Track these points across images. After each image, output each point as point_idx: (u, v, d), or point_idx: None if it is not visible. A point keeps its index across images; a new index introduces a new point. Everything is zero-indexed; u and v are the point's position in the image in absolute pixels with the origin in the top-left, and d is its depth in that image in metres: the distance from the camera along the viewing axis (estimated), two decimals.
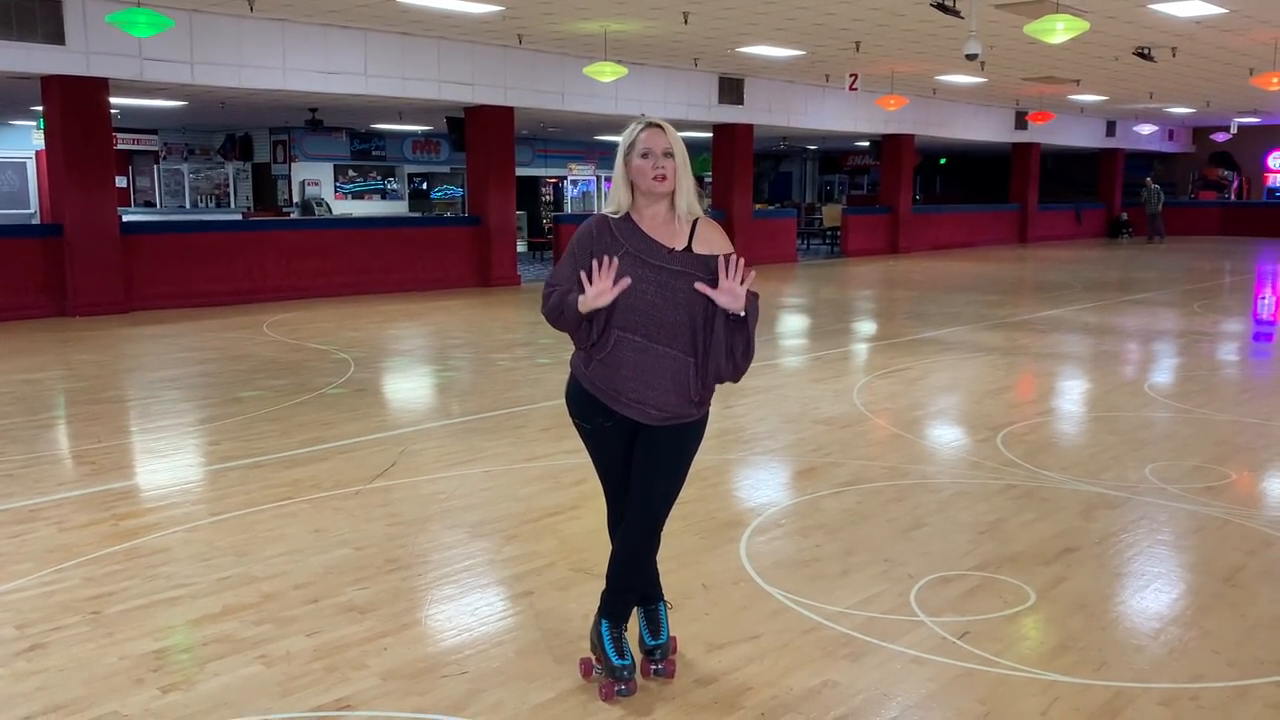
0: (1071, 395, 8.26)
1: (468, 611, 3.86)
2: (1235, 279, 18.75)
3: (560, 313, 3.07)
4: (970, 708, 3.13)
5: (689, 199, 3.08)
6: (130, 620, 3.75)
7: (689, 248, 3.07)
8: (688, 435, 3.15)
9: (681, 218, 3.10)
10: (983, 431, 6.70)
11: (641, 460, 3.13)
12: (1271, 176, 31.75)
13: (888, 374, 8.80)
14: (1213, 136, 29.81)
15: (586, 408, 3.16)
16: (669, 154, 3.04)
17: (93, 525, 4.80)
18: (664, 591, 3.43)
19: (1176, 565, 4.41)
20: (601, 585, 3.29)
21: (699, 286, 2.98)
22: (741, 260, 2.98)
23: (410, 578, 4.18)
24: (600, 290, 2.95)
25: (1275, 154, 31.68)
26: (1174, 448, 6.36)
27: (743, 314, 3.00)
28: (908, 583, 4.11)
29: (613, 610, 3.22)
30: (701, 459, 5.98)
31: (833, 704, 3.15)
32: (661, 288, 3.02)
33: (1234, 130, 27.65)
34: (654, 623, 3.35)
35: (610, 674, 3.17)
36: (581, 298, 2.99)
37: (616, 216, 3.12)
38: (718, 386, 3.18)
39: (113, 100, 13.07)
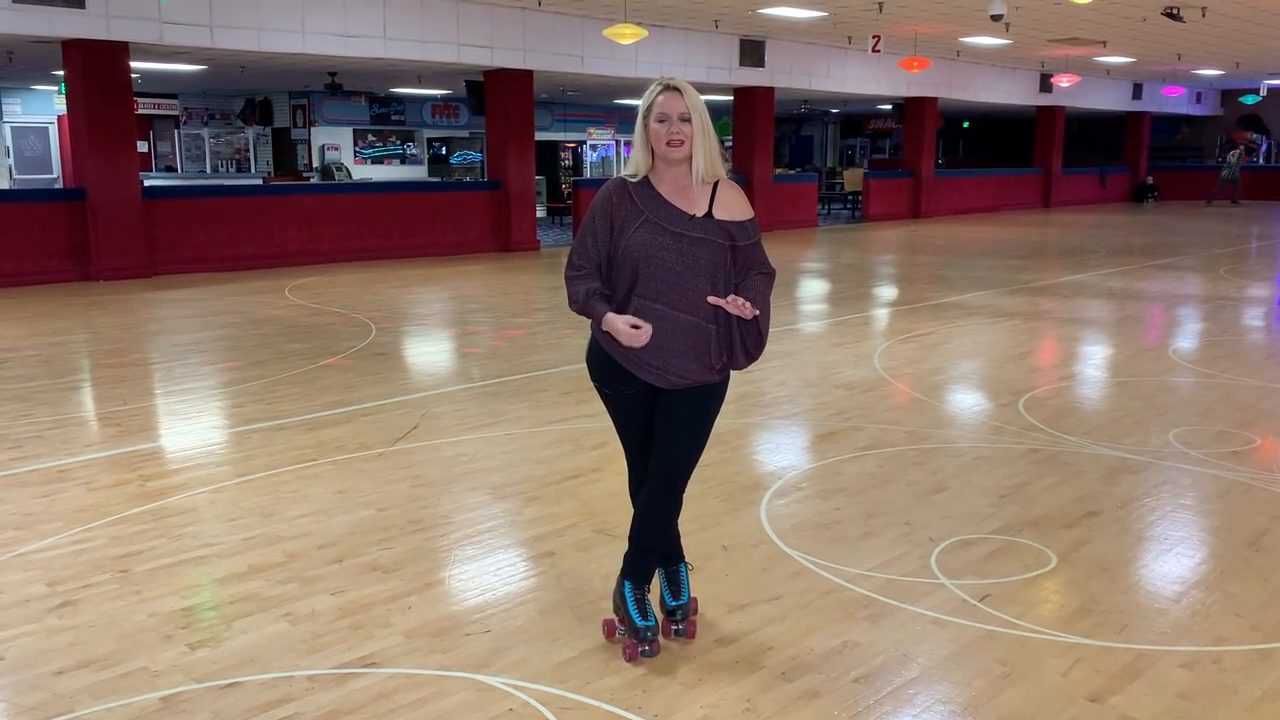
0: (1095, 360, 8.20)
1: (490, 571, 3.89)
2: (1263, 244, 18.52)
3: (584, 312, 3.07)
4: (991, 668, 3.14)
5: (708, 162, 3.01)
6: (158, 578, 3.80)
7: (710, 213, 3.03)
8: (708, 398, 3.14)
9: (701, 181, 3.03)
10: (1005, 396, 6.67)
11: (663, 423, 3.12)
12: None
13: (909, 339, 8.76)
14: (1240, 99, 29.35)
15: (608, 373, 3.14)
16: (685, 119, 2.97)
17: (120, 486, 4.86)
18: (685, 553, 3.44)
19: (1199, 529, 4.39)
20: (623, 547, 3.31)
21: (711, 300, 2.98)
22: (744, 303, 2.94)
23: (433, 538, 4.22)
24: (633, 338, 2.95)
25: None
26: (1198, 412, 6.32)
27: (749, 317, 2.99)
28: (928, 545, 4.11)
29: (635, 572, 3.24)
30: (722, 423, 5.98)
31: (853, 664, 3.17)
32: (682, 255, 2.98)
33: (1264, 93, 27.20)
34: (675, 583, 3.37)
35: (634, 635, 3.18)
36: (608, 317, 2.98)
37: (635, 180, 3.07)
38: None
39: (133, 64, 13.07)
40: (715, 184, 3.06)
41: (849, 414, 6.20)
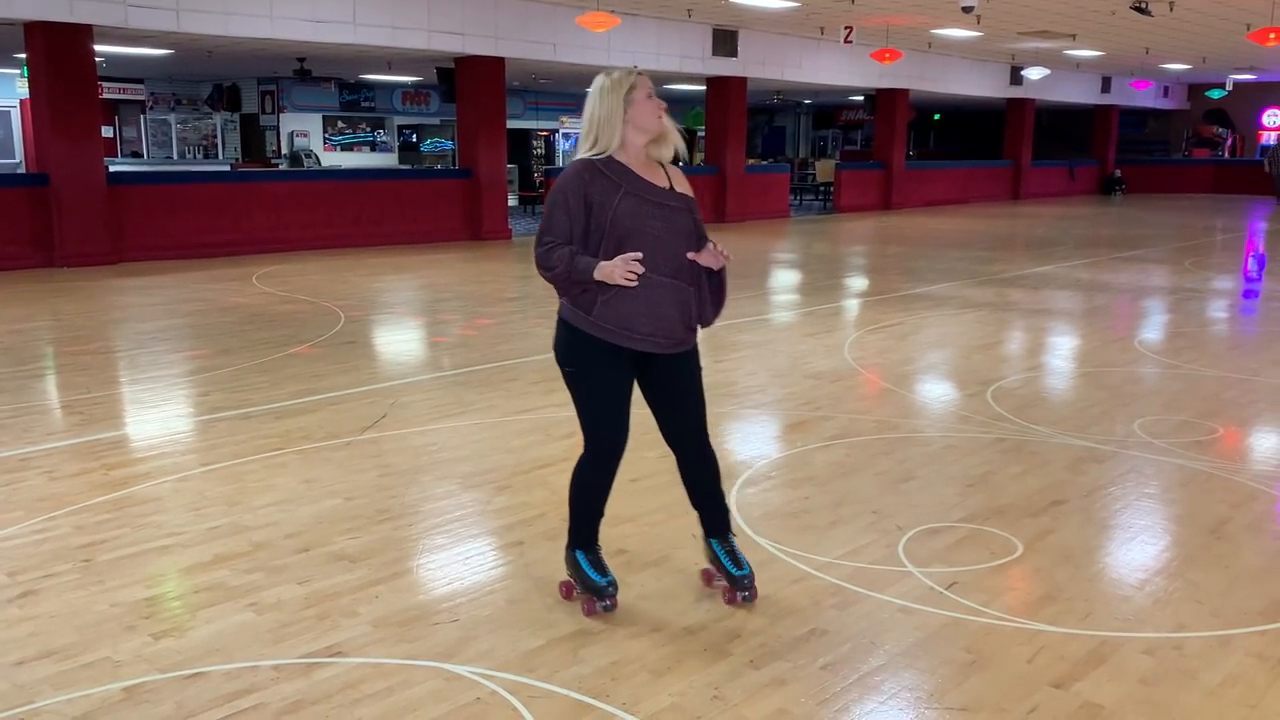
0: (1061, 351, 8.27)
1: (459, 560, 3.87)
2: (1227, 236, 18.76)
3: (567, 273, 3.10)
4: (956, 655, 3.17)
5: (675, 141, 3.27)
6: (121, 568, 3.75)
7: (671, 186, 3.26)
8: (695, 359, 3.38)
9: (654, 160, 3.25)
10: (972, 386, 6.71)
11: (672, 392, 3.33)
12: (1265, 134, 31.64)
13: (879, 329, 8.80)
14: (1206, 94, 29.72)
15: (588, 352, 3.20)
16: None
17: (83, 475, 4.80)
18: (653, 543, 3.45)
19: (1162, 518, 4.44)
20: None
21: (692, 256, 3.22)
22: (721, 248, 3.26)
23: (401, 527, 4.19)
24: (631, 274, 3.04)
25: (1270, 111, 31.54)
26: (1162, 403, 6.39)
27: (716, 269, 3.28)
28: (896, 534, 4.14)
29: (583, 540, 3.43)
30: None
31: (820, 651, 3.18)
32: (665, 222, 3.17)
33: (1229, 87, 27.54)
34: (735, 554, 3.48)
35: (595, 592, 3.39)
36: (601, 265, 3.06)
37: (601, 158, 3.17)
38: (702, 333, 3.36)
39: (97, 48, 12.88)
40: (663, 166, 3.29)
41: (818, 404, 6.22)
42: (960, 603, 3.52)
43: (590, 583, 3.38)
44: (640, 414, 3.36)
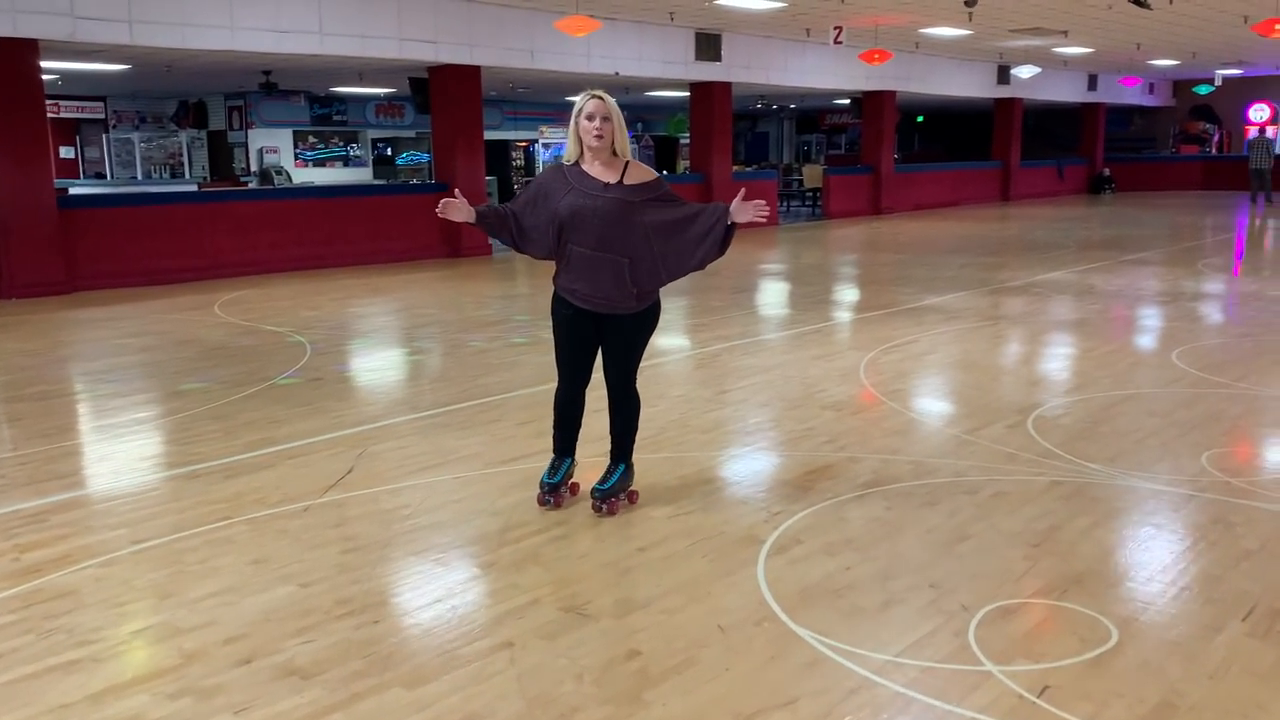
0: (1096, 370, 7.57)
1: (434, 674, 3.13)
2: (1228, 236, 18.20)
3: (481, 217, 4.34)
4: None
5: (620, 145, 4.16)
6: (14, 697, 3.01)
7: (620, 181, 4.14)
8: (643, 321, 4.32)
9: (619, 161, 4.18)
10: (1010, 415, 6.03)
11: (610, 345, 4.31)
12: (1252, 129, 31.18)
13: (893, 348, 8.11)
14: (1194, 89, 29.27)
15: (556, 307, 4.34)
16: (606, 118, 4.09)
17: None
18: (671, 640, 2.73)
19: (1276, 585, 3.75)
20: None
21: (733, 215, 4.09)
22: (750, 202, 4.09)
23: (364, 625, 3.46)
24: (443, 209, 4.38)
25: (1255, 106, 31.12)
26: (1224, 430, 5.72)
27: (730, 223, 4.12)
28: (962, 616, 3.44)
29: (556, 445, 4.50)
30: (699, 456, 5.26)
31: None
32: (599, 212, 4.09)
33: (1219, 83, 27.09)
34: (610, 475, 4.40)
35: (540, 487, 4.48)
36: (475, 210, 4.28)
37: (569, 164, 4.22)
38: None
39: (50, 64, 12.09)
40: (626, 164, 4.18)
41: (843, 441, 5.52)
42: (1061, 717, 2.82)
43: (541, 481, 4.48)
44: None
